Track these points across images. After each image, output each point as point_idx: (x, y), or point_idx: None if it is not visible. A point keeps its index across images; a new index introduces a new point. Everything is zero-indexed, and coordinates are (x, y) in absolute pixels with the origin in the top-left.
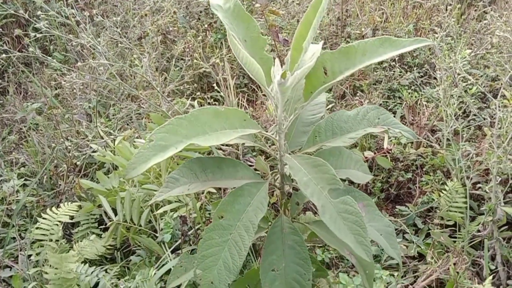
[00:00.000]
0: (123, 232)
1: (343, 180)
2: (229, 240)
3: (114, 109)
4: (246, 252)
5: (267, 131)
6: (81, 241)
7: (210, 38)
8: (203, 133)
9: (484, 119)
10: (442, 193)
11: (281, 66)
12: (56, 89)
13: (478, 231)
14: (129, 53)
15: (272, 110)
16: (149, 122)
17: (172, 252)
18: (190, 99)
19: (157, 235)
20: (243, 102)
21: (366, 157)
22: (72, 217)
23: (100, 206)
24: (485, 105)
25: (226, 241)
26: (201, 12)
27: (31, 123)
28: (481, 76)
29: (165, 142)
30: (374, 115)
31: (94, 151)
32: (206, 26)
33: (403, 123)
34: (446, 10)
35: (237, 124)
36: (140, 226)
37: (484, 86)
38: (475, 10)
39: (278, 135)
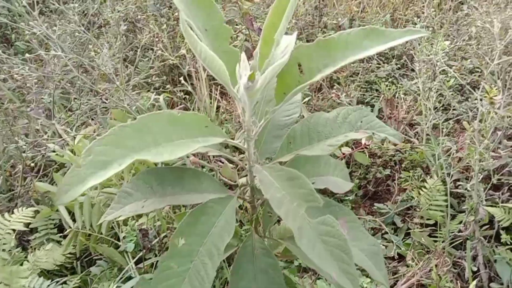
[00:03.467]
0: (83, 240)
1: (321, 191)
2: (190, 270)
3: (76, 102)
4: (210, 285)
5: (239, 134)
6: (38, 249)
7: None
8: (154, 145)
9: (463, 112)
10: (422, 190)
11: (249, 62)
12: (17, 81)
13: (460, 231)
14: (89, 42)
15: (240, 113)
16: (111, 118)
17: (136, 263)
18: (156, 93)
19: (119, 243)
20: (216, 94)
21: (343, 153)
22: (27, 225)
23: (58, 210)
24: (462, 97)
25: (187, 271)
26: None
27: None
28: (459, 68)
29: (106, 157)
30: (356, 117)
31: (52, 151)
32: (177, 14)
33: (381, 117)
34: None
35: (197, 131)
36: (101, 233)
37: (462, 78)
38: (452, 1)
39: (246, 143)
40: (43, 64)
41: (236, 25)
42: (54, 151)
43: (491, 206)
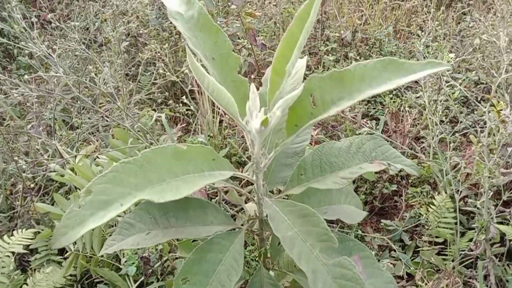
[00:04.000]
0: (83, 263)
1: (332, 222)
2: None
3: (77, 121)
4: None
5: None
6: (38, 271)
7: (184, 41)
8: (158, 181)
9: (470, 126)
10: (431, 207)
11: (258, 90)
12: (17, 98)
13: (470, 250)
14: (90, 61)
15: (248, 145)
16: (113, 136)
17: (138, 287)
18: (159, 109)
19: (121, 266)
20: (219, 109)
21: None
22: (27, 246)
23: None
24: (468, 109)
25: None
26: None
27: None
28: (464, 80)
29: (106, 197)
30: (370, 147)
31: (52, 171)
32: None
33: (386, 131)
34: (429, 12)
35: (204, 165)
36: (102, 256)
37: (467, 90)
38: (454, 12)
39: (255, 175)
40: (44, 80)
41: (239, 39)
42: (54, 171)
43: (501, 223)
